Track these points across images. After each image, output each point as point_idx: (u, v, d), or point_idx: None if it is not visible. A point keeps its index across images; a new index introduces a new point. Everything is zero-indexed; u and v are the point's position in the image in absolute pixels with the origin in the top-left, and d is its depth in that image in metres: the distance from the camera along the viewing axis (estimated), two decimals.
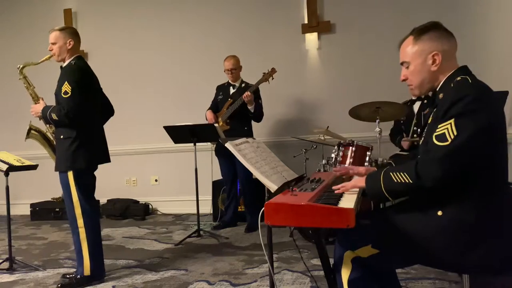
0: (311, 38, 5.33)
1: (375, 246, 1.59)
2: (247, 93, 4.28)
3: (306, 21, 5.32)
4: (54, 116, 2.88)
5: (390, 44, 5.06)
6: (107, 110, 3.25)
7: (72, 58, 3.01)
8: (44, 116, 2.96)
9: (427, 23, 1.68)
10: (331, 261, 1.80)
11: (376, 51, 5.12)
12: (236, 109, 4.41)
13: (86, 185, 2.99)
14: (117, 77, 5.66)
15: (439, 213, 1.52)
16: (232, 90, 4.60)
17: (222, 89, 4.67)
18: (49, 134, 3.25)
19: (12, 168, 3.34)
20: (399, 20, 4.99)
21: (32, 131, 3.27)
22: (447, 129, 1.48)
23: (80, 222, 2.93)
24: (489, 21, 4.70)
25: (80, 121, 2.89)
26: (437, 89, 1.67)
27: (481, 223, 1.48)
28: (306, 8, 5.31)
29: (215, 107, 4.64)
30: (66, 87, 2.85)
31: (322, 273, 1.94)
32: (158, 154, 5.75)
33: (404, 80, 1.72)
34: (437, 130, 1.51)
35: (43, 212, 5.66)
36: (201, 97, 4.85)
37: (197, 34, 5.66)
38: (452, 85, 1.58)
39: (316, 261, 3.10)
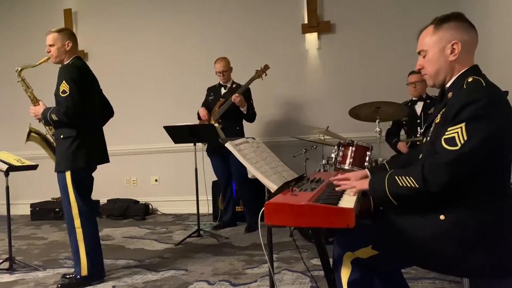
0: (311, 38, 5.34)
1: (375, 247, 1.58)
2: (236, 94, 4.29)
3: (306, 21, 5.33)
4: (54, 117, 2.88)
5: (390, 44, 5.12)
6: (107, 111, 3.24)
7: (71, 59, 3.01)
8: (44, 117, 2.95)
9: (450, 13, 1.64)
10: (331, 261, 1.79)
11: (376, 51, 5.12)
12: (228, 109, 4.41)
13: (84, 185, 2.99)
14: (117, 77, 5.67)
15: (442, 217, 1.49)
16: (223, 91, 4.60)
17: (213, 90, 4.68)
18: (49, 136, 3.25)
19: (12, 168, 3.34)
20: (399, 20, 5.01)
21: (32, 134, 3.26)
22: (457, 133, 1.44)
23: (77, 222, 2.92)
24: (490, 20, 4.69)
25: (79, 119, 2.88)
26: (447, 86, 1.64)
27: (483, 227, 1.47)
28: (306, 8, 5.32)
29: (206, 108, 4.64)
30: (64, 86, 2.84)
31: (322, 273, 1.94)
32: (158, 154, 5.75)
33: (419, 69, 1.69)
34: (447, 133, 1.47)
35: (43, 212, 5.66)
36: (201, 97, 4.84)
37: (197, 34, 5.66)
38: (464, 86, 1.53)
39: (316, 261, 3.10)
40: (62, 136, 2.93)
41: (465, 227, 1.47)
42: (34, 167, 3.51)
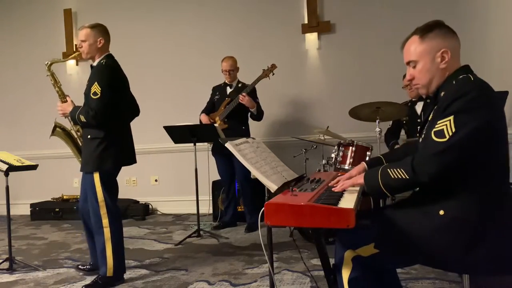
0: (311, 38, 5.34)
1: (376, 245, 1.59)
2: (242, 94, 4.29)
3: (306, 21, 5.33)
4: (82, 118, 2.84)
5: (390, 44, 5.10)
6: (133, 109, 3.24)
7: (102, 57, 2.96)
8: (73, 117, 2.92)
9: (429, 22, 1.67)
10: (331, 261, 1.80)
11: (376, 51, 5.12)
12: (234, 108, 4.41)
13: (112, 185, 2.97)
14: None
15: (441, 212, 1.51)
16: (229, 90, 4.60)
17: (219, 89, 4.67)
18: (73, 132, 3.19)
19: (12, 168, 3.34)
20: (399, 20, 5.00)
21: (58, 129, 3.21)
22: (446, 125, 1.48)
23: (105, 222, 2.89)
24: (489, 20, 4.69)
25: (108, 122, 2.85)
26: (439, 87, 1.66)
27: (483, 222, 1.48)
28: (306, 8, 5.32)
29: (211, 107, 4.63)
30: (96, 88, 2.80)
31: (322, 273, 1.94)
32: (158, 154, 5.75)
33: (410, 80, 1.70)
34: (436, 126, 1.51)
35: (43, 212, 5.65)
36: (202, 97, 4.85)
37: (197, 35, 5.66)
38: (454, 82, 1.58)
39: (316, 261, 3.10)
40: (89, 137, 2.90)
41: (464, 222, 1.48)
42: (34, 167, 3.51)
